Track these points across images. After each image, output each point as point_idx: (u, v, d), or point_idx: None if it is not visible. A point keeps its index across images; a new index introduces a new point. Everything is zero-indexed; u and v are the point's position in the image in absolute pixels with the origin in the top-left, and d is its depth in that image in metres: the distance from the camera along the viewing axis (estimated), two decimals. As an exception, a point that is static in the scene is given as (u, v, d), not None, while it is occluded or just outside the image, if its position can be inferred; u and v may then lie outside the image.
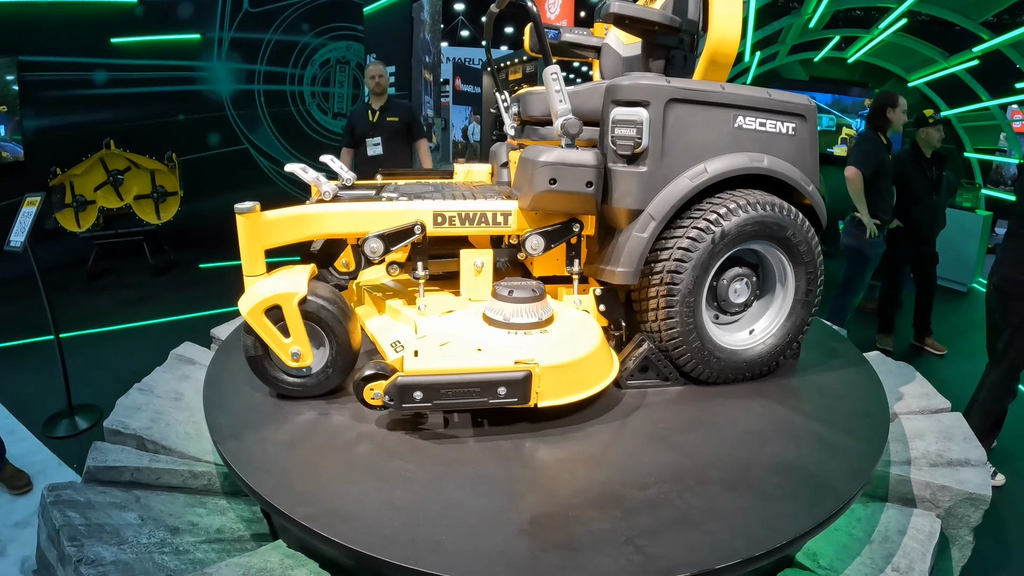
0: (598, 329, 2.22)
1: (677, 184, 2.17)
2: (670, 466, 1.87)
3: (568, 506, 1.68)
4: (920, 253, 5.84)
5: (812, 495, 1.76)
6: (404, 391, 1.87)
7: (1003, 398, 3.91)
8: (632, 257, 2.19)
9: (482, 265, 2.37)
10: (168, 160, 7.64)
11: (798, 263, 2.32)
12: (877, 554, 1.93)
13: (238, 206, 2.05)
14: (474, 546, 1.52)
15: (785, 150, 2.29)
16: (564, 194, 2.17)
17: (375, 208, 2.25)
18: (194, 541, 1.93)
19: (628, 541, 1.55)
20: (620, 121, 2.14)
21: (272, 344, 2.08)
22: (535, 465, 1.88)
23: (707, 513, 1.67)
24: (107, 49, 7.58)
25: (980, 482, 2.20)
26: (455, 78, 14.57)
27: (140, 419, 2.43)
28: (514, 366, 1.94)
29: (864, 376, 2.53)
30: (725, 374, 2.35)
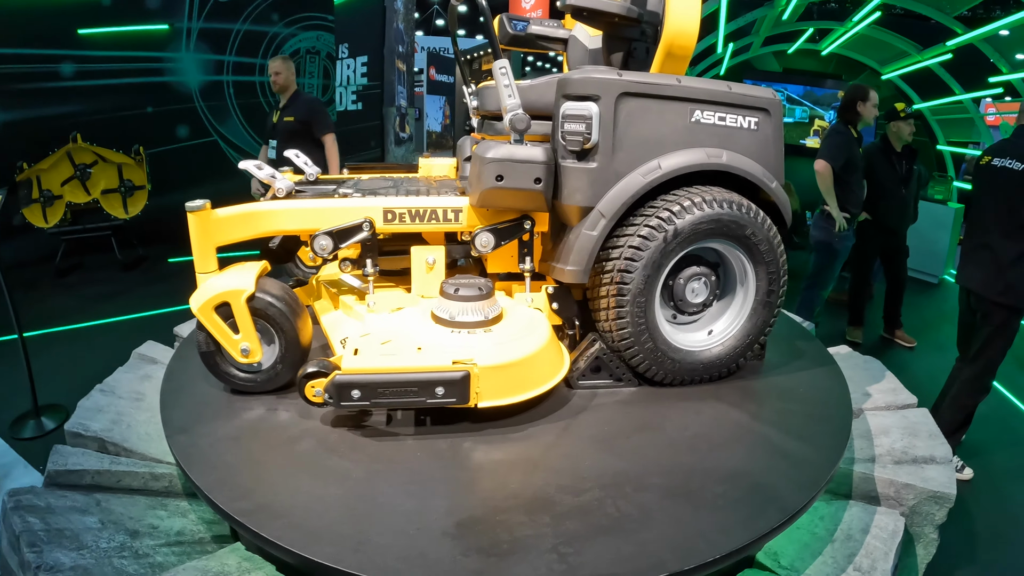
0: (547, 328, 2.19)
1: (629, 181, 2.13)
2: (609, 471, 1.84)
3: (497, 510, 1.67)
4: (889, 246, 5.88)
5: (755, 506, 1.72)
6: (342, 389, 1.89)
7: (976, 394, 3.92)
8: (581, 255, 2.15)
9: (434, 262, 2.35)
10: (135, 154, 7.52)
11: (759, 263, 2.26)
12: (839, 553, 1.93)
13: (188, 204, 2.07)
14: (397, 547, 1.53)
15: (747, 145, 2.23)
16: (511, 191, 2.14)
17: (324, 205, 2.24)
18: (154, 544, 1.92)
19: (553, 549, 1.53)
20: (569, 116, 2.10)
21: (222, 340, 2.12)
22: (470, 466, 1.88)
23: (639, 522, 1.64)
24: (74, 40, 7.44)
25: (945, 480, 2.19)
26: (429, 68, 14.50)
27: (101, 421, 2.40)
28: (452, 366, 1.93)
29: (829, 379, 2.49)
30: (681, 375, 2.31)
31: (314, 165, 2.75)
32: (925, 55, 9.34)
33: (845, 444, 2.04)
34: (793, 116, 12.26)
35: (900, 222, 5.78)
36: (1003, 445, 4.39)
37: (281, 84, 5.70)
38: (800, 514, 1.74)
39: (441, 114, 14.68)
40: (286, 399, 2.18)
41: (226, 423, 2.07)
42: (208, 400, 2.21)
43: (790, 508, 1.71)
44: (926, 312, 7.03)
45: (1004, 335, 3.77)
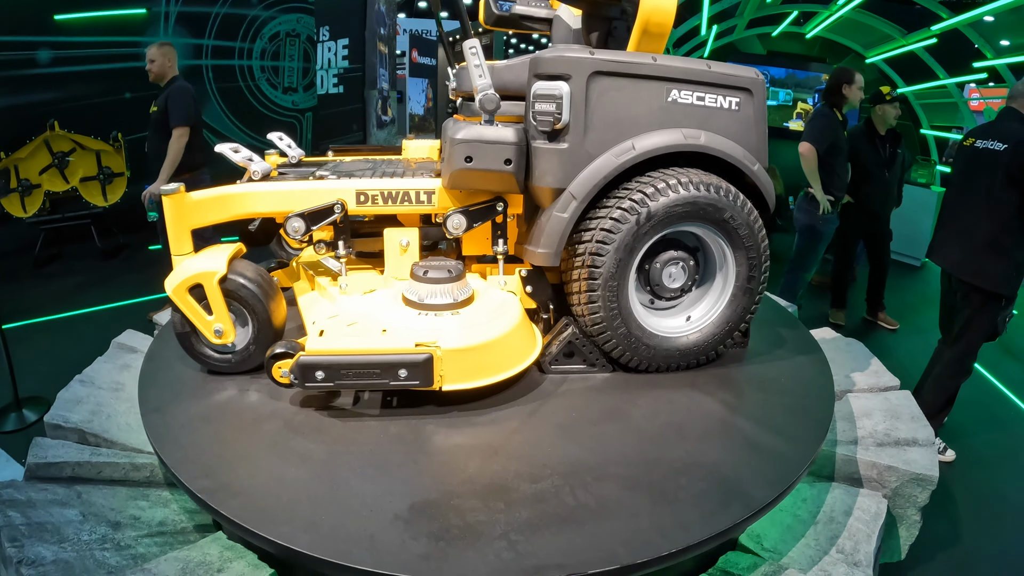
0: (518, 312, 2.18)
1: (601, 162, 2.08)
2: (569, 459, 1.82)
3: (452, 495, 1.66)
4: (872, 230, 5.91)
5: (719, 501, 1.67)
6: (306, 370, 1.90)
7: (957, 376, 3.94)
8: (552, 238, 2.12)
9: (407, 244, 2.34)
10: (114, 140, 7.45)
11: (738, 248, 2.20)
12: (822, 535, 1.93)
13: (163, 188, 2.10)
14: (348, 528, 1.54)
15: (727, 126, 2.17)
16: (481, 172, 2.11)
17: (297, 187, 2.25)
18: (136, 535, 1.92)
19: (503, 536, 1.52)
20: (540, 95, 2.05)
21: (196, 321, 2.14)
22: (430, 450, 1.87)
23: (595, 513, 1.61)
24: (50, 26, 7.34)
25: (927, 462, 2.19)
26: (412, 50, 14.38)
27: (81, 412, 2.39)
28: (414, 349, 1.93)
29: (812, 369, 2.43)
30: (656, 362, 2.27)
31: (297, 147, 2.74)
32: (909, 39, 9.35)
33: (822, 439, 1.98)
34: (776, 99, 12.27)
35: (883, 205, 5.80)
36: (985, 428, 4.44)
37: (156, 72, 5.26)
38: (766, 511, 1.69)
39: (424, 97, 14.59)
40: (259, 380, 2.18)
41: (198, 403, 2.09)
42: (184, 380, 2.23)
43: (755, 504, 1.66)
44: (909, 295, 7.08)
45: (984, 317, 3.79)
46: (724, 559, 1.82)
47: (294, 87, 9.34)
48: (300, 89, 9.46)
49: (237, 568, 1.68)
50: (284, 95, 9.33)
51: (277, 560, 1.71)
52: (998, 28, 8.30)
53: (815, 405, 2.16)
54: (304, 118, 9.52)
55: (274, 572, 1.68)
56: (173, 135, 4.98)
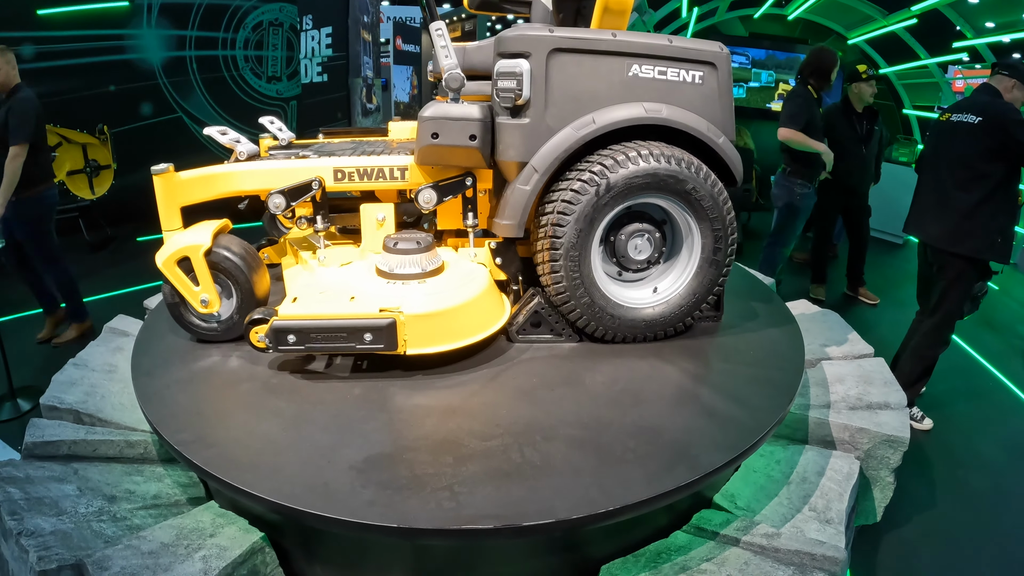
0: (484, 282, 2.25)
1: (562, 136, 2.13)
2: (523, 420, 1.89)
3: (405, 449, 1.75)
4: (850, 205, 5.97)
5: (664, 463, 1.70)
6: (279, 334, 2.03)
7: (935, 346, 4.01)
8: (515, 210, 2.18)
9: (383, 219, 2.43)
10: (99, 133, 7.43)
11: (702, 219, 2.22)
12: (795, 495, 2.01)
13: (153, 168, 2.22)
14: (305, 476, 1.64)
15: (690, 100, 2.19)
16: (447, 148, 2.18)
17: (278, 166, 2.37)
18: (131, 508, 1.98)
19: (447, 487, 1.60)
20: (502, 73, 2.12)
21: (184, 292, 2.28)
22: (392, 409, 1.96)
23: (539, 469, 1.67)
24: (33, 21, 7.29)
25: (898, 424, 2.26)
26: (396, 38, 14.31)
27: (75, 393, 2.44)
28: (378, 314, 2.03)
29: (784, 340, 2.45)
30: (621, 332, 2.31)
31: (287, 130, 2.83)
32: (890, 20, 9.39)
33: (783, 409, 1.99)
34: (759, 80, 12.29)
35: (860, 181, 5.85)
36: (963, 398, 4.53)
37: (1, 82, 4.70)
38: (712, 476, 1.70)
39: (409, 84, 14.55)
40: (242, 348, 2.29)
41: (184, 367, 2.22)
42: (174, 348, 2.35)
43: (701, 468, 1.68)
44: (889, 271, 7.15)
45: (960, 286, 3.87)
46: (698, 516, 1.89)
47: (278, 76, 9.31)
48: (284, 78, 9.42)
49: (229, 532, 1.75)
50: (268, 84, 9.30)
51: (268, 523, 1.79)
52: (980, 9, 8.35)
53: (781, 376, 2.18)
54: (289, 107, 9.50)
55: (264, 536, 1.76)
56: (9, 153, 4.46)
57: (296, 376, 2.14)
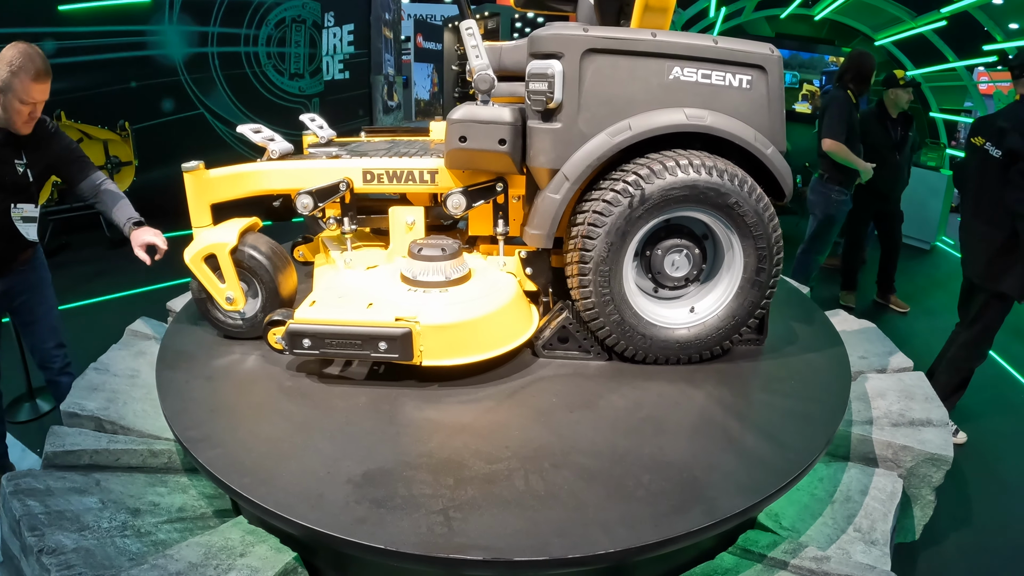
0: (510, 293, 2.18)
1: (595, 142, 2.02)
2: (534, 443, 1.81)
3: (406, 466, 1.71)
4: (883, 211, 5.86)
5: (677, 503, 1.60)
6: (294, 337, 2.02)
7: (972, 359, 3.91)
8: (545, 219, 2.09)
9: (413, 222, 2.38)
10: (121, 129, 7.43)
11: (745, 236, 2.09)
12: (839, 514, 1.94)
13: (184, 165, 2.28)
14: (302, 486, 1.64)
15: (736, 106, 2.05)
16: (476, 152, 2.12)
17: (308, 166, 2.36)
18: (155, 522, 1.94)
19: (442, 511, 1.55)
20: (534, 75, 2.02)
21: (210, 288, 2.33)
22: (401, 422, 1.92)
23: (542, 500, 1.59)
24: (54, 17, 7.27)
25: (942, 442, 2.19)
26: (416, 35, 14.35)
27: (97, 400, 2.41)
28: (393, 323, 1.99)
29: (828, 370, 2.30)
30: (653, 353, 2.19)
31: (328, 128, 2.86)
32: (919, 21, 9.25)
33: (819, 450, 1.85)
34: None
35: (894, 187, 5.75)
36: (996, 410, 4.41)
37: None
38: (730, 522, 1.59)
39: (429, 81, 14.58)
40: (264, 346, 2.27)
41: (206, 364, 2.26)
42: (201, 342, 2.41)
43: (717, 513, 1.56)
44: (919, 278, 7.03)
45: (1001, 302, 3.77)
46: (744, 538, 1.83)
47: (300, 73, 9.29)
48: (306, 75, 9.41)
49: (259, 552, 1.70)
50: (291, 81, 9.28)
51: (300, 543, 1.73)
52: (1008, 10, 8.20)
53: (821, 412, 2.03)
54: (311, 104, 9.48)
55: (297, 556, 1.70)
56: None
57: (312, 379, 2.14)
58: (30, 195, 2.89)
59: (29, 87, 2.62)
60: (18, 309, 3.26)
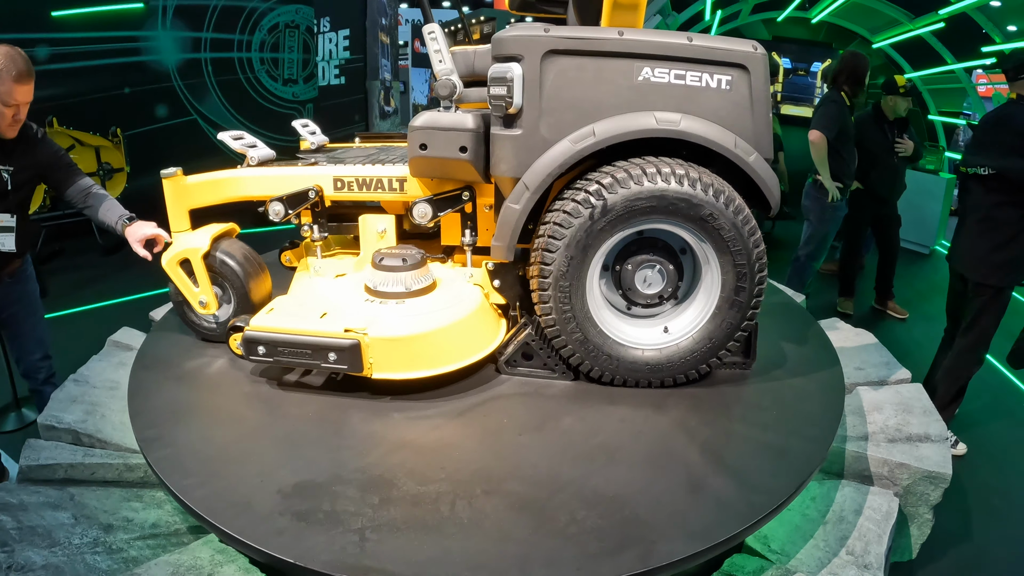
0: (471, 307, 2.13)
1: (557, 149, 1.90)
2: (471, 466, 1.75)
3: (337, 480, 1.69)
4: (880, 215, 5.80)
5: (610, 544, 1.49)
6: (250, 344, 2.04)
7: (970, 366, 3.84)
8: (505, 231, 2.00)
9: (384, 230, 2.37)
10: (113, 136, 7.40)
11: (723, 252, 1.94)
12: (831, 536, 1.88)
13: (163, 171, 2.32)
14: (234, 492, 1.65)
15: (715, 109, 1.91)
16: (438, 160, 2.06)
17: (280, 173, 2.37)
18: (128, 538, 1.94)
19: (359, 531, 1.52)
20: (493, 78, 1.91)
21: (184, 292, 2.38)
22: (344, 434, 1.91)
23: (464, 529, 1.53)
24: (48, 23, 7.24)
25: (940, 459, 2.13)
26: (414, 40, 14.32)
27: (75, 412, 2.41)
28: (343, 334, 1.98)
29: (818, 397, 2.14)
30: (621, 375, 2.07)
31: (320, 134, 2.90)
32: (917, 23, 9.21)
33: (789, 495, 1.69)
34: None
35: (891, 191, 5.69)
36: (995, 417, 4.34)
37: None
38: (666, 571, 1.45)
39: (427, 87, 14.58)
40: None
41: (178, 366, 2.31)
42: (179, 345, 2.45)
43: (653, 559, 1.43)
44: (917, 283, 6.97)
45: (997, 305, 3.71)
46: (730, 562, 1.78)
47: (294, 79, 9.26)
48: (300, 80, 9.38)
49: (227, 572, 1.68)
50: (284, 87, 9.24)
51: (267, 566, 1.69)
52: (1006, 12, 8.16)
53: (801, 447, 1.87)
54: (305, 110, 9.44)
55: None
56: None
57: (271, 385, 2.17)
58: (7, 204, 2.84)
59: (12, 88, 2.60)
60: (5, 321, 3.27)
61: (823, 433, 1.93)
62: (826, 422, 1.99)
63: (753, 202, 1.99)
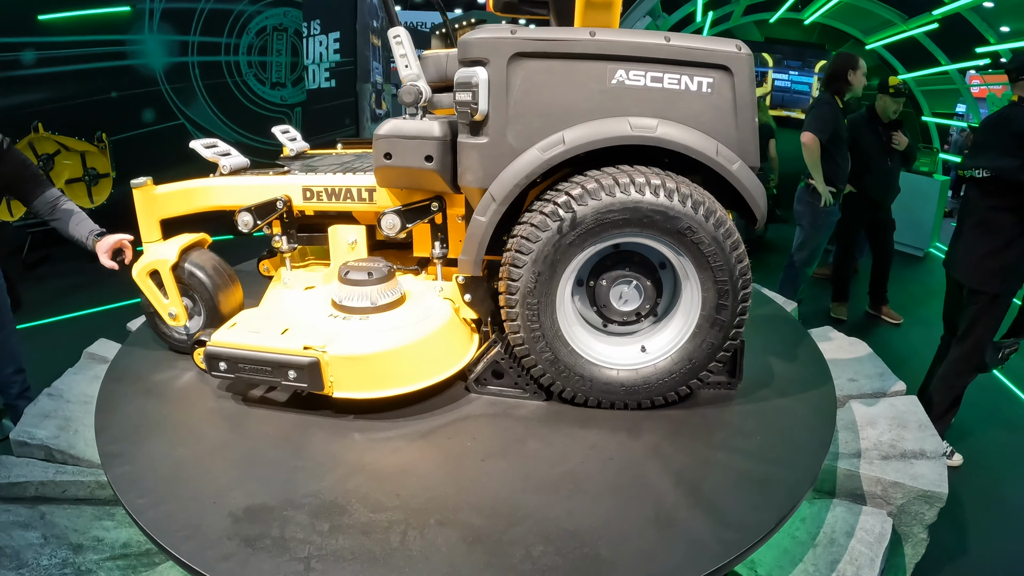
0: (438, 323, 2.04)
1: (525, 158, 1.80)
2: (427, 494, 1.68)
3: (289, 504, 1.65)
4: (874, 219, 5.75)
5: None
6: (211, 360, 2.01)
7: (966, 375, 3.78)
8: (471, 244, 1.91)
9: (354, 241, 2.32)
10: (98, 141, 7.36)
11: (703, 268, 1.83)
12: (821, 560, 1.82)
13: (133, 181, 2.30)
14: (186, 513, 1.61)
15: (696, 114, 1.79)
16: (403, 169, 1.98)
17: (250, 182, 2.34)
18: (97, 559, 1.92)
19: (305, 559, 1.48)
20: (459, 84, 1.81)
21: (154, 304, 2.35)
22: (303, 455, 1.86)
23: (412, 562, 1.47)
24: (34, 27, 7.18)
25: (936, 477, 2.06)
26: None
27: (48, 428, 2.37)
28: (302, 351, 1.93)
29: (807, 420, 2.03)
30: (595, 396, 1.97)
31: (301, 140, 2.89)
32: (910, 24, 9.18)
33: (768, 532, 1.57)
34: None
35: (885, 194, 5.64)
36: (992, 427, 4.28)
37: None
38: None
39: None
40: None
41: (147, 379, 2.27)
42: (151, 357, 2.43)
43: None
44: (912, 286, 6.93)
45: (993, 313, 3.66)
46: (717, 588, 1.70)
47: (282, 82, 9.20)
48: (288, 84, 9.32)
49: (194, 595, 1.65)
50: (272, 90, 9.18)
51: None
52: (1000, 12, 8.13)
53: (786, 478, 1.74)
54: (293, 113, 9.39)
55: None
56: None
57: (236, 400, 2.13)
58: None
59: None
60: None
61: (809, 462, 1.82)
62: (813, 449, 1.88)
63: (739, 212, 1.90)
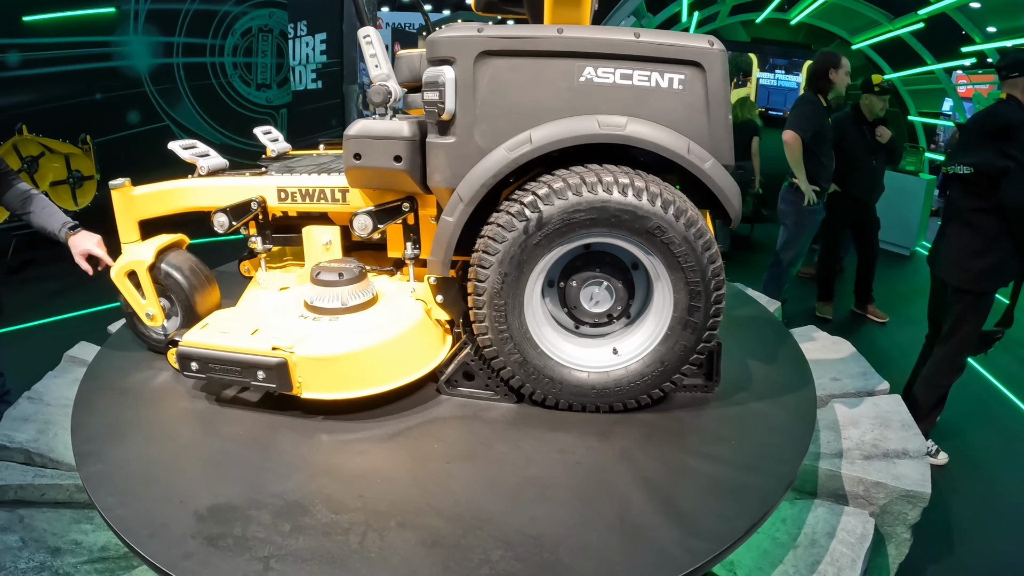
0: (408, 324, 2.04)
1: (492, 158, 1.79)
2: (392, 495, 1.68)
3: (253, 504, 1.65)
4: (859, 218, 5.77)
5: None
6: (183, 360, 2.02)
7: (950, 374, 3.79)
8: (439, 245, 1.89)
9: (329, 242, 2.32)
10: (82, 143, 7.32)
11: (674, 269, 1.81)
12: (802, 561, 1.82)
13: (111, 182, 2.32)
14: (153, 513, 1.63)
15: (668, 111, 1.76)
16: (373, 170, 1.99)
17: (226, 183, 2.35)
18: (75, 562, 1.93)
19: (264, 559, 1.48)
20: (427, 83, 1.80)
21: (132, 304, 2.36)
22: (272, 456, 1.87)
23: (370, 564, 1.47)
24: (19, 28, 7.13)
25: (919, 477, 2.06)
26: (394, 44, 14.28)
27: (27, 431, 2.37)
28: (270, 352, 1.93)
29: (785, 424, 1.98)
30: (566, 399, 1.96)
31: (283, 141, 2.89)
32: (896, 24, 9.23)
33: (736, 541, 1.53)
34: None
35: (870, 193, 5.66)
36: (978, 425, 4.30)
37: None
38: None
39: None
40: None
41: (125, 378, 2.28)
42: (129, 358, 2.43)
43: None
44: (898, 285, 6.95)
45: (977, 311, 3.67)
46: (695, 590, 1.69)
47: (268, 83, 9.18)
48: (274, 85, 9.30)
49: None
50: (258, 92, 9.16)
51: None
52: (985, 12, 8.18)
53: (759, 485, 1.70)
54: (279, 114, 9.37)
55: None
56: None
57: (209, 401, 2.14)
58: None
59: None
60: None
61: (785, 468, 1.78)
62: (789, 455, 1.84)
63: (714, 212, 1.89)
